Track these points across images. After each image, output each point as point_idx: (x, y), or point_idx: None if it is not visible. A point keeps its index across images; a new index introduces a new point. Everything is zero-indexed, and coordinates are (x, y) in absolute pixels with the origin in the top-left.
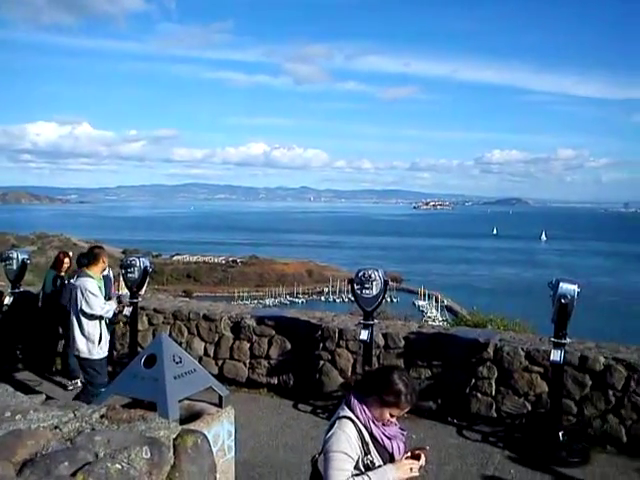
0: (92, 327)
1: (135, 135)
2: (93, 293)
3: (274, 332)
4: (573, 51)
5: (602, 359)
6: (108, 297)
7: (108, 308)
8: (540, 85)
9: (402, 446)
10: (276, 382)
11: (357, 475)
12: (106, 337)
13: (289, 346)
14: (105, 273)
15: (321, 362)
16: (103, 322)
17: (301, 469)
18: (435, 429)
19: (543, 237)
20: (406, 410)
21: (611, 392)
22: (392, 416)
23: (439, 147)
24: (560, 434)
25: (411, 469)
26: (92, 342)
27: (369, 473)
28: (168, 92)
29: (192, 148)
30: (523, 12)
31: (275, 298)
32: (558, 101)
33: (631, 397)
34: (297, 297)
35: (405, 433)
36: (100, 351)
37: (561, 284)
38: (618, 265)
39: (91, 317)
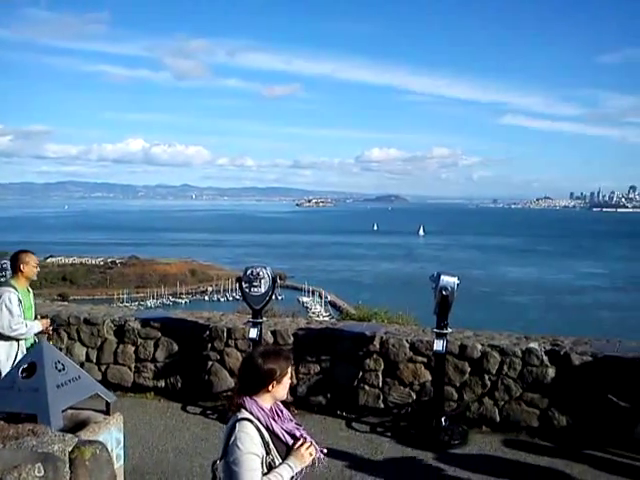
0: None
1: (1, 129)
2: (7, 308)
3: (160, 334)
4: (446, 54)
5: (479, 346)
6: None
7: (19, 329)
8: (416, 86)
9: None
10: (163, 385)
11: (266, 474)
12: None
13: (176, 348)
14: None
15: (210, 362)
16: (20, 343)
17: (192, 472)
18: (325, 423)
19: (421, 232)
20: (290, 371)
21: (487, 377)
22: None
23: (321, 145)
24: (443, 419)
25: (310, 454)
26: None
27: (277, 470)
28: (40, 85)
29: (66, 144)
30: (398, 15)
31: (157, 299)
32: (433, 101)
33: (504, 380)
34: (180, 297)
35: (301, 427)
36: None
37: (442, 277)
38: (489, 257)
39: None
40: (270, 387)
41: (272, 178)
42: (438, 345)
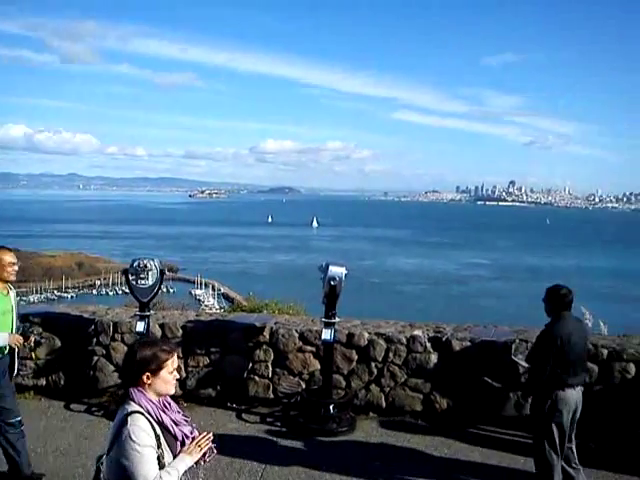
0: None
1: None
2: None
3: (41, 330)
4: (342, 48)
5: (366, 335)
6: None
7: None
8: (312, 79)
9: (188, 432)
10: (44, 383)
11: (162, 469)
12: None
13: (59, 344)
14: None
15: (95, 358)
16: None
17: (74, 474)
18: (215, 415)
19: (315, 224)
20: (171, 364)
21: (373, 364)
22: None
23: (215, 135)
24: (331, 407)
25: (203, 448)
26: None
27: (174, 464)
28: None
29: None
30: (294, 7)
31: (40, 294)
32: (328, 95)
33: (389, 367)
34: (66, 292)
35: (189, 419)
36: None
37: (330, 267)
38: (381, 249)
39: None
40: (146, 378)
41: (164, 168)
42: (326, 334)
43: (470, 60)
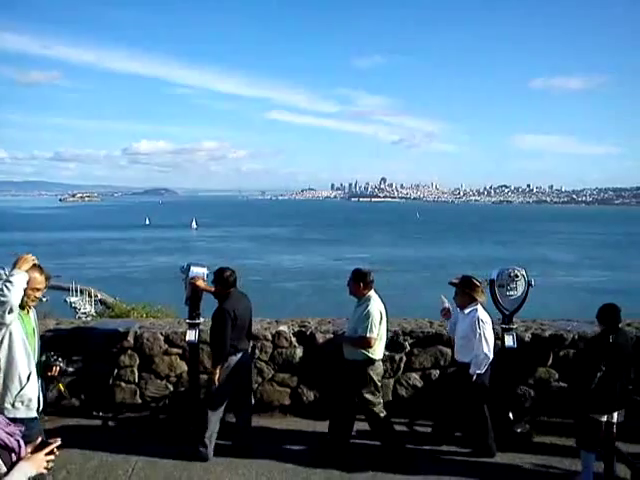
0: None
1: None
2: None
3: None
4: (217, 48)
5: None
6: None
7: None
8: (187, 79)
9: (22, 443)
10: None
11: None
12: None
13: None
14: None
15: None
16: None
17: None
18: (79, 425)
19: (194, 225)
20: None
21: None
22: None
23: (85, 136)
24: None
25: (47, 462)
26: None
27: (10, 475)
28: None
29: None
30: (167, 5)
31: None
32: (203, 95)
33: (257, 363)
34: None
35: (22, 429)
36: None
37: (192, 268)
38: (261, 247)
39: None
40: None
41: (31, 171)
42: (190, 335)
43: (341, 62)
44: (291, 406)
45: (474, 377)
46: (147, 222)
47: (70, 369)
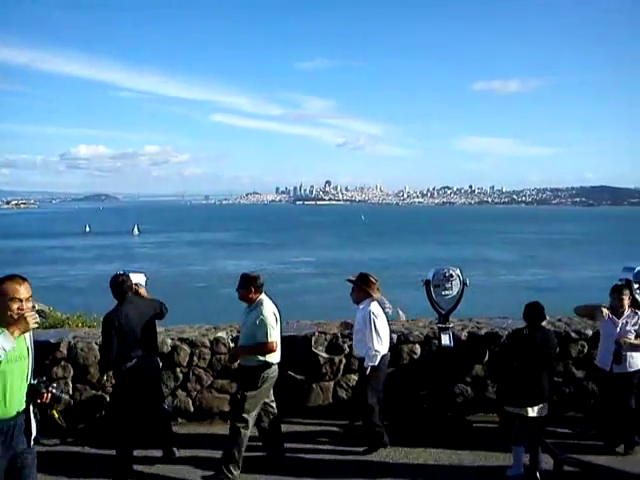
0: None
1: None
2: None
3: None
4: (159, 51)
5: (169, 341)
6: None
7: None
8: (127, 82)
9: None
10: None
11: None
12: None
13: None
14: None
15: None
16: None
17: None
18: None
19: (136, 231)
20: None
21: (179, 369)
22: None
23: (20, 141)
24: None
25: None
26: None
27: None
28: None
29: None
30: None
31: None
32: (145, 98)
33: (195, 370)
34: None
35: None
36: None
37: (130, 275)
38: (207, 253)
39: None
40: None
41: None
42: None
43: (285, 65)
44: (231, 412)
45: (368, 370)
46: (87, 229)
47: (64, 395)
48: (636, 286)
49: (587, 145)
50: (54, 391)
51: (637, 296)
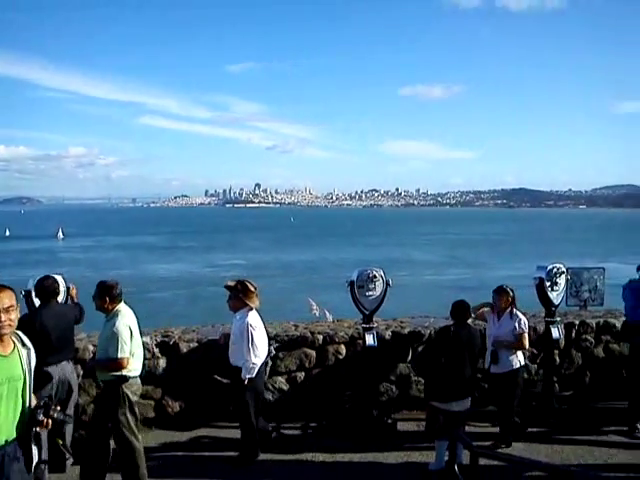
0: None
1: None
2: None
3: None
4: (84, 51)
5: (91, 347)
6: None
7: None
8: (50, 82)
9: None
10: None
11: None
12: None
13: None
14: None
15: None
16: None
17: None
18: None
19: (60, 235)
20: None
21: None
22: None
23: None
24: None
25: None
26: None
27: None
28: None
29: None
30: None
31: None
32: (69, 99)
33: None
34: None
35: None
36: None
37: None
38: (135, 257)
39: None
40: None
41: None
42: None
43: (214, 68)
44: (156, 418)
45: (245, 382)
46: (7, 233)
47: (67, 417)
48: (548, 284)
49: (506, 150)
50: (55, 415)
51: (549, 293)
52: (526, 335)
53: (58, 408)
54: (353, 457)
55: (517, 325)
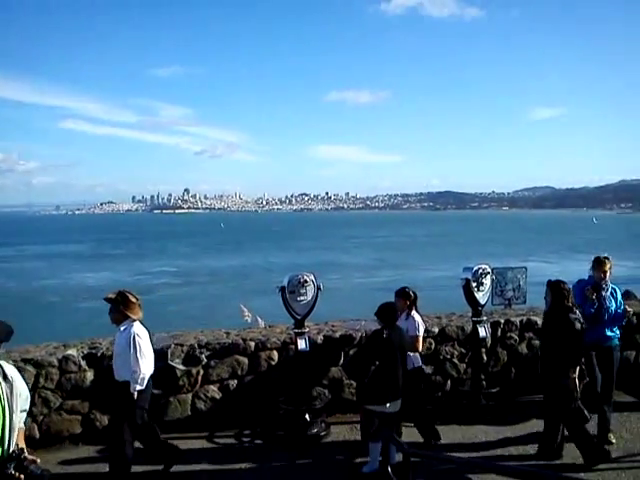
0: None
1: None
2: None
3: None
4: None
5: (11, 362)
6: None
7: None
8: None
9: None
10: None
11: None
12: None
13: None
14: None
15: None
16: None
17: None
18: None
19: None
20: None
21: None
22: None
23: None
24: None
25: None
26: None
27: None
28: None
29: None
30: None
31: None
32: None
33: (41, 393)
34: None
35: None
36: None
37: None
38: (60, 266)
39: None
40: None
41: None
42: None
43: (139, 71)
44: (83, 434)
45: (135, 395)
46: None
47: (44, 472)
48: (474, 284)
49: (432, 153)
50: (32, 468)
51: (475, 293)
52: (420, 338)
53: (36, 460)
54: (286, 462)
55: (411, 327)
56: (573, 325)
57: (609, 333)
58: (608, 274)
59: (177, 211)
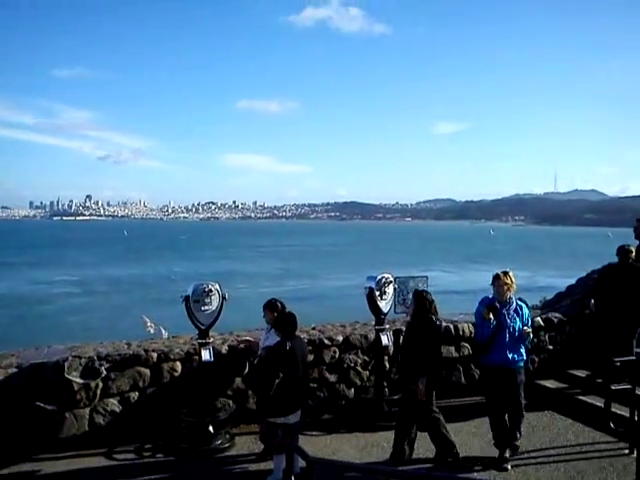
0: None
1: None
2: None
3: None
4: None
5: None
6: None
7: None
8: None
9: None
10: None
11: None
12: None
13: None
14: None
15: None
16: None
17: None
18: None
19: None
20: None
21: None
22: None
23: None
24: None
25: None
26: None
27: None
28: None
29: None
30: None
31: None
32: None
33: None
34: None
35: None
36: None
37: None
38: None
39: None
40: None
41: None
42: None
43: (39, 71)
44: None
45: None
46: None
47: None
48: (377, 293)
49: (338, 165)
50: None
51: (378, 302)
52: None
53: None
54: (189, 476)
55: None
56: (431, 334)
57: (510, 354)
58: (511, 289)
59: (78, 218)
